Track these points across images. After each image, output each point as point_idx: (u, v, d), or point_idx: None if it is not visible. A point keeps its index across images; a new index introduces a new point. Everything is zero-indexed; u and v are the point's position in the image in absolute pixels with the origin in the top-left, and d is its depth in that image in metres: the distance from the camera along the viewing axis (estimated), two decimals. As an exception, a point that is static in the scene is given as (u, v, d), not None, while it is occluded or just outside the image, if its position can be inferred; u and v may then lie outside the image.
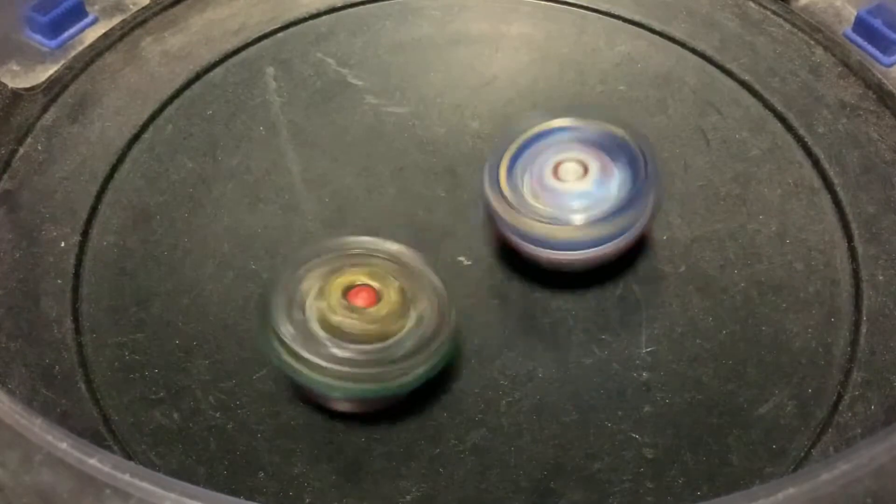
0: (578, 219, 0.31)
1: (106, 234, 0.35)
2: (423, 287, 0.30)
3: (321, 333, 0.29)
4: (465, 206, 0.35)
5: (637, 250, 0.34)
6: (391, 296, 0.30)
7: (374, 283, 0.30)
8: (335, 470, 0.30)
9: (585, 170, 0.32)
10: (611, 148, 0.33)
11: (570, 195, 0.32)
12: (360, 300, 0.30)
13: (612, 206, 0.32)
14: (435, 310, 0.30)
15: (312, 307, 0.29)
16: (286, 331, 0.29)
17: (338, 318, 0.29)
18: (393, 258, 0.31)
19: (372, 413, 0.31)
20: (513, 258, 0.34)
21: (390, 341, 0.29)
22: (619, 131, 0.33)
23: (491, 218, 0.33)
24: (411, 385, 0.29)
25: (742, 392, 0.32)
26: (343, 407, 0.31)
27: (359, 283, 0.30)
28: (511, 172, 0.32)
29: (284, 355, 0.29)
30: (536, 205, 0.32)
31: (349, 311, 0.29)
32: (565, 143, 0.33)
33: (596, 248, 0.32)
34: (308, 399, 0.31)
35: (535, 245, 0.32)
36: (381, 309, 0.29)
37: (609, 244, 0.32)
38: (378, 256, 0.31)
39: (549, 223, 0.31)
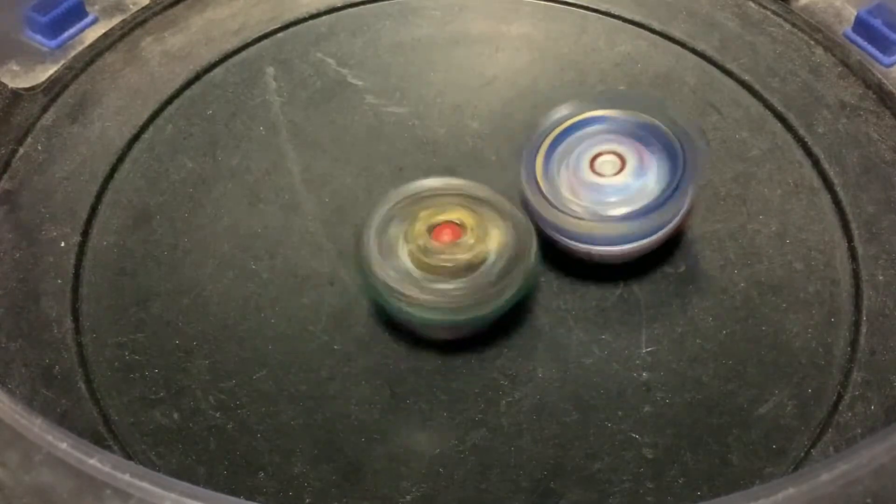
0: (616, 213, 0.31)
1: (106, 234, 0.35)
2: (497, 213, 0.31)
3: (419, 273, 0.31)
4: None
5: (675, 241, 0.34)
6: (472, 226, 0.31)
7: (454, 218, 0.31)
8: (335, 470, 0.30)
9: (623, 163, 0.32)
10: (647, 139, 0.32)
11: (607, 189, 0.32)
12: (446, 236, 0.31)
13: (650, 200, 0.31)
14: (513, 233, 0.31)
15: (404, 252, 0.31)
16: (390, 276, 0.30)
17: (430, 258, 0.31)
18: (461, 192, 0.32)
19: (371, 412, 0.31)
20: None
21: (481, 269, 0.31)
22: (656, 121, 0.33)
23: (528, 212, 0.32)
24: (506, 306, 0.31)
25: (742, 392, 0.32)
26: (445, 335, 0.32)
27: (440, 221, 0.31)
28: (547, 166, 0.32)
29: (393, 299, 0.31)
30: (574, 199, 0.32)
31: (440, 248, 0.31)
32: (601, 135, 0.33)
33: (635, 243, 0.32)
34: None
35: (573, 240, 0.32)
36: (468, 239, 0.31)
37: (648, 238, 0.32)
38: (448, 194, 0.32)
39: (588, 219, 0.31)
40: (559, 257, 0.34)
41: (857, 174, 0.36)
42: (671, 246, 0.34)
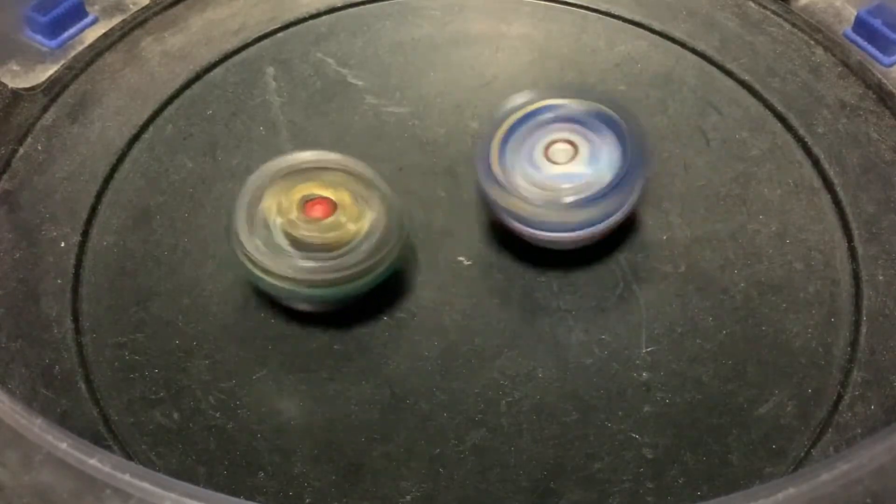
0: (569, 200, 0.32)
1: (106, 234, 0.35)
2: (373, 194, 0.32)
3: (286, 245, 0.31)
4: (466, 206, 0.35)
5: (629, 227, 0.34)
6: (345, 204, 0.31)
7: (328, 194, 0.32)
8: (335, 470, 0.30)
9: (576, 150, 0.33)
10: (599, 126, 0.33)
11: (560, 177, 0.32)
12: (316, 211, 0.31)
13: (602, 186, 0.32)
14: (385, 215, 0.31)
15: (276, 222, 0.31)
16: (253, 246, 0.31)
17: (298, 231, 0.31)
18: (343, 168, 0.32)
19: (371, 412, 0.31)
20: (513, 258, 0.34)
21: (347, 247, 0.31)
22: (608, 110, 0.33)
23: (483, 199, 0.33)
24: (366, 287, 0.31)
25: (742, 392, 0.32)
26: (304, 307, 0.33)
27: (314, 195, 0.32)
28: (503, 153, 0.33)
29: (252, 268, 0.31)
30: (528, 186, 0.32)
31: (307, 223, 0.31)
32: (555, 123, 0.33)
33: (587, 230, 0.32)
34: (274, 303, 0.33)
35: (526, 226, 0.33)
36: (338, 218, 0.31)
37: (600, 224, 0.32)
38: (329, 168, 0.32)
39: (541, 205, 0.32)
40: (559, 257, 0.34)
41: (857, 174, 0.36)
42: (663, 248, 0.34)
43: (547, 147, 0.33)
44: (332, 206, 0.31)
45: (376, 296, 0.33)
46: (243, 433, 0.31)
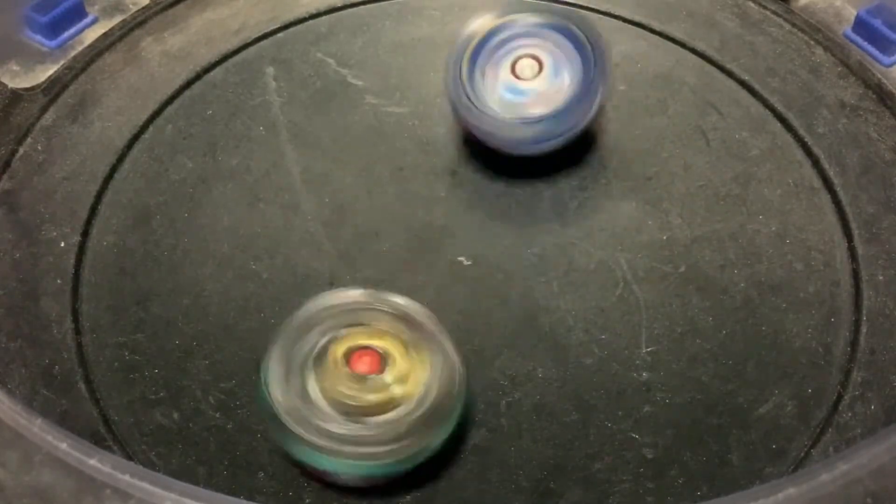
0: (536, 113, 0.34)
1: (106, 234, 0.35)
2: (430, 344, 0.28)
3: (322, 404, 0.27)
4: (466, 206, 0.35)
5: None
6: (396, 360, 0.27)
7: (377, 344, 0.27)
8: (335, 470, 0.30)
9: (541, 65, 0.34)
10: (561, 41, 0.35)
11: (527, 91, 0.34)
12: (362, 366, 0.27)
13: (566, 98, 0.34)
14: (444, 372, 0.27)
15: (311, 374, 0.27)
16: (283, 403, 0.26)
17: (339, 389, 0.27)
18: (397, 311, 0.28)
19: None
20: (513, 258, 0.34)
21: (397, 411, 0.27)
22: (569, 24, 0.35)
23: (455, 114, 0.35)
24: (419, 459, 0.27)
25: (742, 392, 0.32)
26: (349, 482, 0.28)
27: (361, 345, 0.27)
28: (472, 69, 0.34)
29: (280, 430, 0.27)
30: (496, 101, 0.34)
31: (351, 380, 0.27)
32: (520, 39, 0.35)
33: (553, 141, 0.34)
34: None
35: (497, 140, 0.35)
36: (387, 376, 0.27)
37: (565, 135, 0.34)
38: (380, 310, 0.28)
39: (509, 119, 0.34)
40: (559, 256, 0.34)
41: (857, 174, 0.36)
42: (663, 248, 0.34)
43: (514, 63, 0.34)
44: (381, 361, 0.27)
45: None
46: (243, 433, 0.31)
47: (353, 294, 0.28)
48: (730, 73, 0.39)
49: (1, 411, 0.24)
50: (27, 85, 0.39)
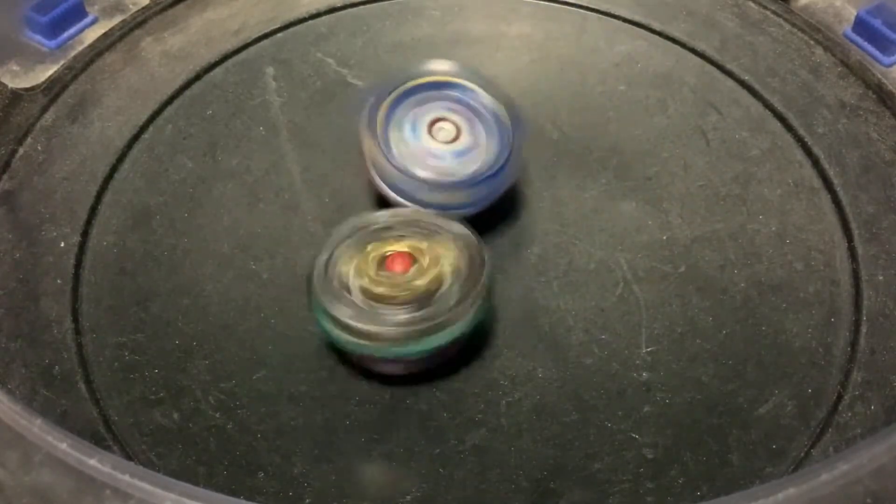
0: (451, 179, 0.33)
1: (106, 234, 0.35)
2: (449, 238, 0.31)
3: (373, 305, 0.30)
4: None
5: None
6: (423, 254, 0.31)
7: (405, 248, 0.31)
8: (335, 470, 0.30)
9: (458, 132, 0.34)
10: (483, 113, 0.34)
11: (443, 156, 0.33)
12: (397, 266, 0.31)
13: (483, 167, 0.33)
14: (465, 256, 0.31)
15: (356, 285, 0.30)
16: (342, 312, 0.30)
17: (382, 289, 0.30)
18: (412, 222, 0.32)
19: (371, 412, 0.31)
20: (513, 258, 0.34)
21: (437, 295, 0.30)
22: (491, 98, 0.34)
23: (363, 160, 0.34)
24: (468, 328, 0.30)
25: (742, 392, 0.32)
26: (400, 369, 0.32)
27: (390, 251, 0.31)
28: (387, 123, 0.33)
29: (348, 336, 0.30)
30: (407, 159, 0.33)
31: (390, 278, 0.30)
32: (444, 102, 0.34)
33: (457, 210, 0.33)
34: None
35: (397, 194, 0.33)
36: (420, 269, 0.30)
37: (485, 201, 0.33)
38: (399, 224, 0.32)
39: (412, 179, 0.33)
40: (559, 256, 0.34)
41: (857, 174, 0.36)
42: (663, 248, 0.34)
43: (432, 123, 0.34)
44: (411, 259, 0.31)
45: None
46: (243, 433, 0.31)
47: (367, 216, 0.32)
48: (730, 73, 0.39)
49: (1, 411, 0.24)
50: (27, 85, 0.39)
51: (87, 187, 0.36)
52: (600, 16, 0.41)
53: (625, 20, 0.40)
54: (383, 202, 0.34)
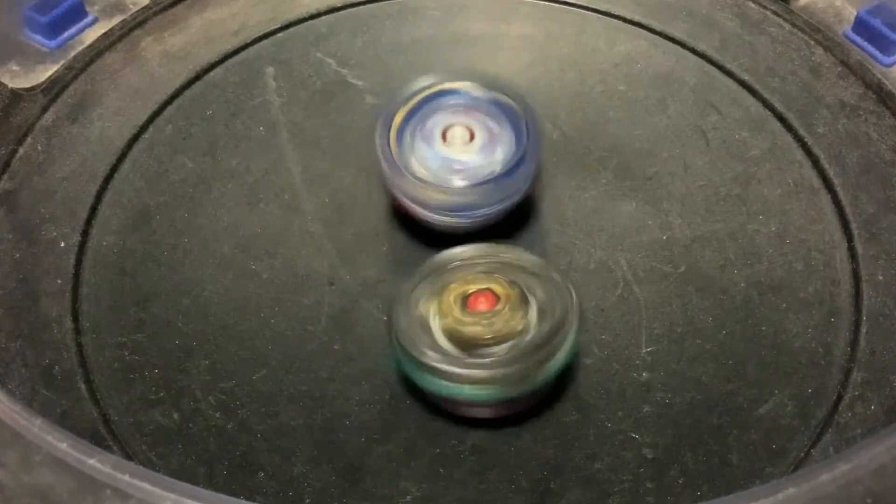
0: (462, 183, 0.32)
1: (106, 234, 0.35)
2: (530, 275, 0.31)
3: (459, 349, 0.29)
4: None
5: (523, 215, 0.35)
6: (507, 291, 0.30)
7: (487, 285, 0.30)
8: (335, 470, 0.30)
9: (472, 136, 0.33)
10: (497, 115, 0.34)
11: (456, 161, 0.33)
12: (481, 304, 0.30)
13: (495, 172, 0.33)
14: (550, 292, 0.30)
15: (439, 327, 0.30)
16: (431, 357, 0.29)
17: (470, 329, 0.29)
18: (492, 258, 0.31)
19: (371, 412, 0.31)
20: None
21: (526, 336, 0.29)
22: (506, 99, 0.34)
23: (383, 179, 0.34)
24: (557, 370, 0.30)
25: (742, 392, 0.32)
26: (488, 413, 0.31)
27: (472, 290, 0.30)
28: (401, 134, 0.33)
29: (440, 381, 0.29)
30: (424, 168, 0.33)
31: (477, 318, 0.29)
32: (454, 108, 0.34)
33: (478, 211, 0.33)
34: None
35: (420, 207, 0.33)
36: (505, 306, 0.30)
37: (491, 208, 0.33)
38: (477, 262, 0.31)
39: (436, 186, 0.32)
40: (559, 256, 0.34)
41: (857, 174, 0.36)
42: (663, 248, 0.34)
43: (445, 130, 0.33)
44: (495, 297, 0.30)
45: (376, 296, 0.33)
46: (243, 433, 0.31)
47: (443, 256, 0.31)
48: (730, 73, 0.39)
49: (1, 411, 0.24)
50: (27, 85, 0.39)
51: (87, 187, 0.36)
52: (600, 16, 0.40)
53: (625, 20, 0.40)
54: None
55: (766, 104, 0.38)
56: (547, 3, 0.41)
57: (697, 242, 0.35)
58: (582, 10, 0.41)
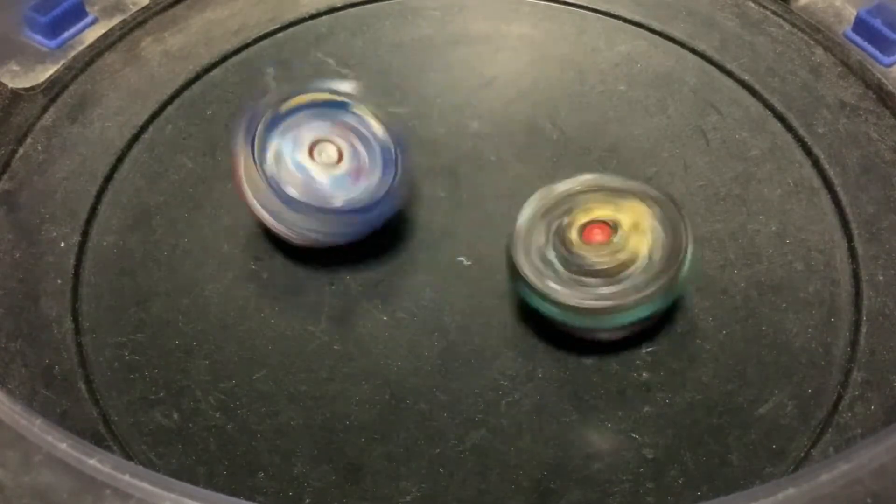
0: (329, 205, 0.32)
1: (106, 234, 0.35)
2: (642, 203, 0.31)
3: (581, 278, 0.30)
4: (466, 206, 0.35)
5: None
6: (621, 220, 0.31)
7: (602, 216, 0.31)
8: (335, 470, 0.30)
9: (340, 156, 0.32)
10: (369, 139, 0.33)
11: (322, 179, 0.32)
12: (598, 236, 0.31)
13: (364, 195, 0.32)
14: (663, 220, 0.31)
15: (553, 255, 0.31)
16: (552, 287, 0.30)
17: (590, 258, 0.30)
18: (605, 188, 0.32)
19: (371, 412, 0.31)
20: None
21: (640, 262, 0.30)
22: (378, 125, 0.33)
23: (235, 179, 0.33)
24: (677, 293, 0.31)
25: (742, 392, 0.32)
26: (612, 335, 0.32)
27: (587, 221, 0.31)
28: (266, 141, 0.32)
29: (556, 309, 0.30)
30: (286, 180, 0.32)
31: (595, 248, 0.31)
32: (328, 123, 0.33)
33: (334, 234, 0.32)
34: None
35: (271, 217, 0.32)
36: (622, 236, 0.31)
37: (357, 231, 0.33)
38: (591, 191, 0.32)
39: (288, 202, 0.31)
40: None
41: (857, 174, 0.36)
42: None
43: (314, 143, 0.32)
44: (611, 229, 0.31)
45: (376, 296, 0.33)
46: (243, 433, 0.31)
47: (578, 181, 0.32)
48: (730, 73, 0.39)
49: (1, 411, 0.24)
50: (27, 85, 0.39)
51: (87, 187, 0.36)
52: (600, 16, 0.41)
53: (625, 20, 0.40)
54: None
55: (766, 104, 0.38)
56: (547, 3, 0.41)
57: (697, 242, 0.35)
58: (582, 10, 0.41)
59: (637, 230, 0.31)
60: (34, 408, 0.31)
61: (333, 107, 0.33)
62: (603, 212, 0.31)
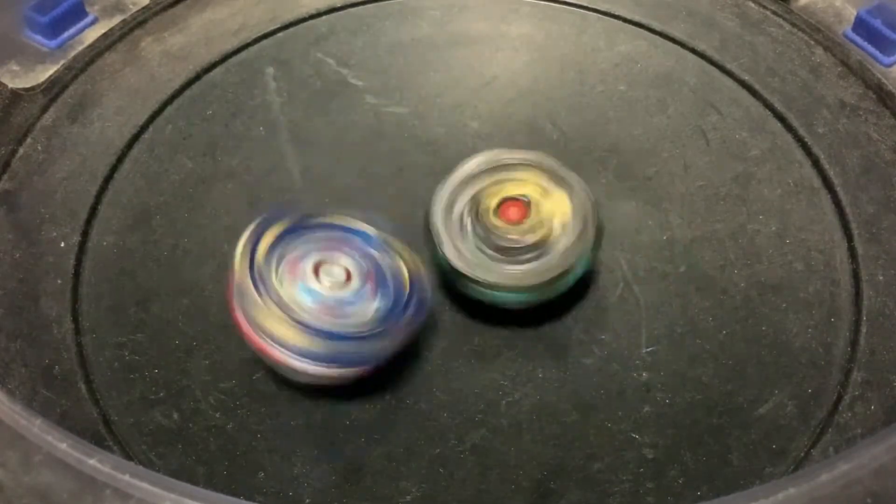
0: (323, 328, 0.29)
1: (106, 234, 0.35)
2: (558, 181, 0.32)
3: (490, 253, 0.31)
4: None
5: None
6: (538, 200, 0.32)
7: (519, 194, 0.32)
8: (335, 470, 0.30)
9: (348, 277, 0.30)
10: (381, 267, 0.30)
11: (328, 300, 0.29)
12: (512, 214, 0.32)
13: (366, 325, 0.29)
14: (576, 197, 0.32)
15: (471, 228, 0.32)
16: (459, 262, 0.31)
17: (501, 237, 0.31)
18: (528, 162, 0.32)
19: (371, 412, 0.31)
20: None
21: (552, 239, 0.31)
22: (395, 259, 0.31)
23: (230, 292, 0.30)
24: (585, 267, 0.32)
25: (742, 392, 0.32)
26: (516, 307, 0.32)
27: (505, 197, 0.32)
28: (269, 255, 0.30)
29: (465, 281, 0.31)
30: (288, 302, 0.29)
31: (507, 226, 0.31)
32: (334, 244, 0.30)
33: (327, 366, 0.29)
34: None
35: (270, 342, 0.29)
36: (535, 215, 0.32)
37: (351, 367, 0.30)
38: (514, 165, 0.32)
39: (293, 326, 0.29)
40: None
41: (857, 174, 0.36)
42: (663, 248, 0.34)
43: (318, 264, 0.30)
44: (526, 207, 0.32)
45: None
46: (243, 433, 0.31)
47: (478, 159, 0.33)
48: (730, 73, 0.39)
49: (1, 411, 0.24)
50: (27, 85, 0.39)
51: (87, 187, 0.36)
52: (600, 16, 0.41)
53: (625, 20, 0.40)
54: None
55: (766, 104, 0.38)
56: (547, 3, 0.41)
57: (697, 242, 0.35)
58: (582, 10, 0.41)
59: (550, 215, 0.32)
60: (34, 408, 0.31)
61: (348, 231, 0.31)
62: (524, 189, 0.32)
